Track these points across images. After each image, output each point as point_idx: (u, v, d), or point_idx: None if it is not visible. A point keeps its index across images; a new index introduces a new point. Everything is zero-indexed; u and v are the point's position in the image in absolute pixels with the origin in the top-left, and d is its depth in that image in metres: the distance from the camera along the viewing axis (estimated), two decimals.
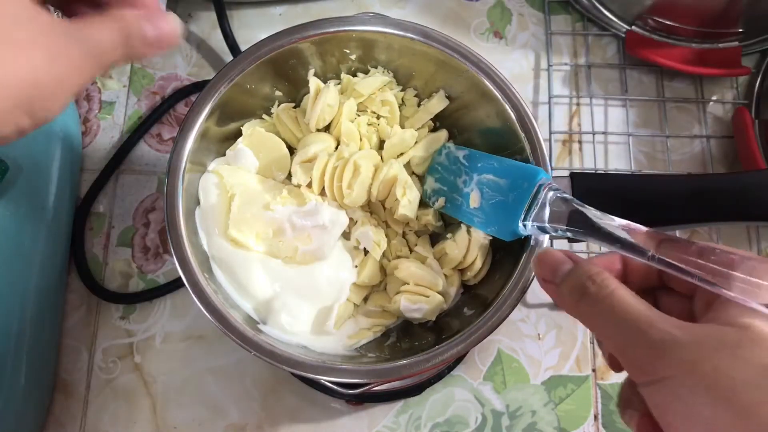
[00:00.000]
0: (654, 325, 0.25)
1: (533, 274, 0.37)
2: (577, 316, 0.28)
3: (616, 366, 0.29)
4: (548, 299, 0.52)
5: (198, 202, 0.41)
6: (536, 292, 0.53)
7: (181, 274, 0.37)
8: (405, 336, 0.42)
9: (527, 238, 0.38)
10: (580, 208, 0.33)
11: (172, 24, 0.30)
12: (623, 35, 0.59)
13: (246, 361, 0.51)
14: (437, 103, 0.45)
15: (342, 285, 0.42)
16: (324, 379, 0.36)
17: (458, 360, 0.51)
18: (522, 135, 0.40)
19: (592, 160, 0.56)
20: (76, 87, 0.29)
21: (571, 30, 0.60)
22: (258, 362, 0.51)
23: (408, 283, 0.42)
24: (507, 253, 0.41)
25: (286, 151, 0.44)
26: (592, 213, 0.32)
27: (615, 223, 0.30)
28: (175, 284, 0.52)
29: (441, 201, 0.42)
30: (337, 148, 0.44)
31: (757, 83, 0.57)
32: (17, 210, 0.47)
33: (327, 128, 0.45)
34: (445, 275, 0.43)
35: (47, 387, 0.49)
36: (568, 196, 0.34)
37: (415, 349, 0.38)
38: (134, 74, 0.58)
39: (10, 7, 0.26)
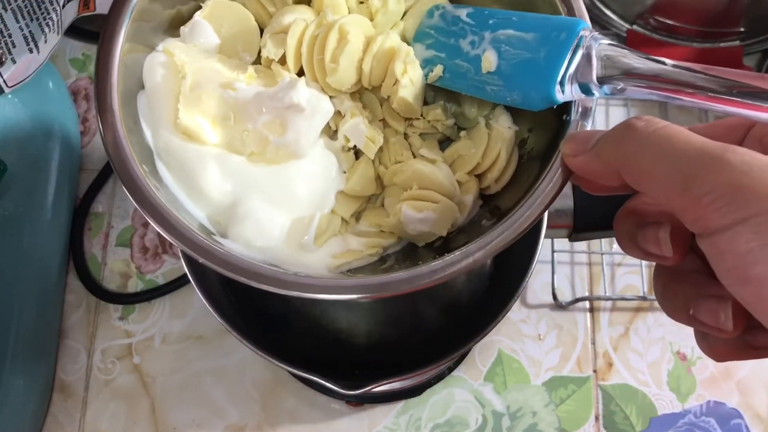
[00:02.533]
0: (731, 149, 0.19)
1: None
2: (617, 162, 0.23)
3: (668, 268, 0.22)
4: (549, 299, 0.52)
5: (143, 88, 0.33)
6: (536, 293, 0.53)
7: (112, 162, 0.30)
8: (406, 259, 0.33)
9: (565, 121, 0.30)
10: (644, 55, 0.26)
11: None
12: (624, 35, 0.58)
13: (246, 362, 0.51)
14: None
15: (326, 191, 0.33)
16: (297, 294, 0.28)
17: (458, 360, 0.51)
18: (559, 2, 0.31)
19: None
20: None
21: None
22: (258, 363, 0.51)
23: (411, 188, 0.33)
24: (533, 158, 0.33)
25: (255, 24, 0.35)
26: (670, 61, 0.25)
27: (688, 64, 0.24)
28: (175, 285, 0.52)
29: (438, 69, 0.33)
30: None
31: None
32: (16, 210, 0.47)
33: (309, 3, 0.36)
34: (459, 182, 0.33)
35: (46, 387, 0.49)
36: (620, 44, 0.27)
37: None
38: None
39: None
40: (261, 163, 0.33)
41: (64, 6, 0.40)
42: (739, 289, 0.19)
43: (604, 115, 0.58)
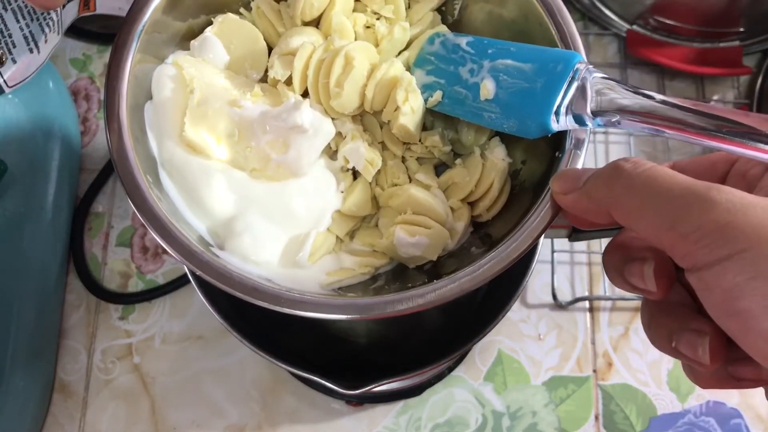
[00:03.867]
0: (716, 188, 0.20)
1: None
2: (606, 202, 0.24)
3: (661, 282, 0.23)
4: (549, 299, 0.52)
5: (151, 99, 0.34)
6: (536, 293, 0.53)
7: (116, 169, 0.30)
8: (396, 280, 0.34)
9: (557, 157, 0.31)
10: (641, 90, 0.26)
11: None
12: (624, 35, 0.58)
13: (246, 362, 0.51)
14: None
15: (322, 210, 0.34)
16: (288, 311, 0.29)
17: (458, 360, 0.51)
18: (549, 22, 0.33)
19: (593, 160, 0.56)
20: None
21: None
22: (258, 363, 0.51)
23: (406, 212, 0.34)
24: (525, 189, 0.34)
25: (264, 44, 0.36)
26: (659, 96, 0.26)
27: (679, 100, 0.24)
28: (175, 284, 0.52)
29: (437, 95, 0.34)
30: None
31: (758, 83, 0.57)
32: (16, 210, 0.47)
33: (317, 25, 0.37)
34: (452, 208, 0.35)
35: (46, 387, 0.49)
36: (615, 78, 0.28)
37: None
38: None
39: None
40: (262, 179, 0.34)
41: (64, 6, 0.40)
42: (727, 322, 0.20)
43: None
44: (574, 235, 0.40)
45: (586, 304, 0.52)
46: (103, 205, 0.54)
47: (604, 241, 0.54)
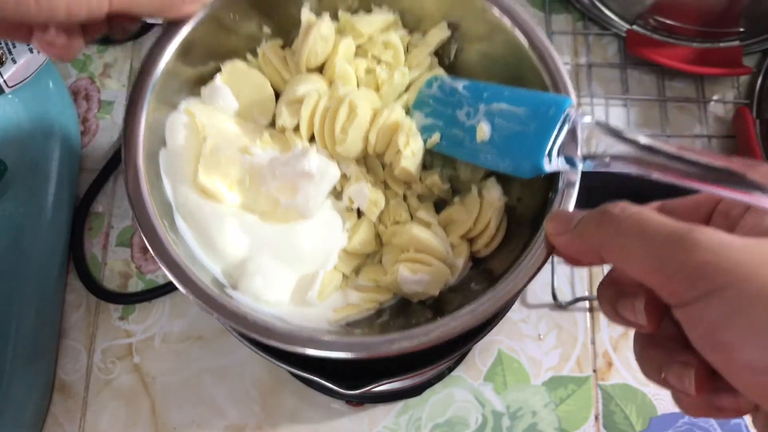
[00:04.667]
0: (697, 229, 0.21)
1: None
2: (598, 244, 0.25)
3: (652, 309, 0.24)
4: (549, 299, 0.52)
5: (164, 145, 0.36)
6: (536, 293, 0.53)
7: (134, 215, 0.32)
8: (400, 314, 0.36)
9: (550, 197, 0.33)
10: (627, 134, 0.28)
11: None
12: (624, 34, 0.58)
13: (246, 362, 0.51)
14: (437, 33, 0.38)
15: (329, 250, 0.36)
16: (300, 350, 0.30)
17: (458, 360, 0.51)
18: (540, 66, 0.34)
19: None
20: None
21: (571, 29, 0.60)
22: (258, 363, 0.51)
23: (408, 251, 0.36)
24: (521, 224, 0.36)
25: (271, 91, 0.38)
26: (640, 137, 0.27)
27: (666, 146, 0.26)
28: (175, 284, 0.52)
29: (436, 137, 0.36)
30: None
31: (758, 83, 0.57)
32: (16, 210, 0.47)
33: (320, 70, 0.38)
34: (452, 245, 0.37)
35: (46, 387, 0.49)
36: (606, 122, 0.30)
37: (410, 327, 0.32)
38: (133, 74, 0.58)
39: None
40: (272, 221, 0.35)
41: None
42: (710, 354, 0.21)
43: (604, 115, 0.58)
44: None
45: (586, 304, 0.52)
46: (103, 205, 0.54)
47: None
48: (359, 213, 0.37)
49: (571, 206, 0.31)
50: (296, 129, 0.36)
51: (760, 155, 0.52)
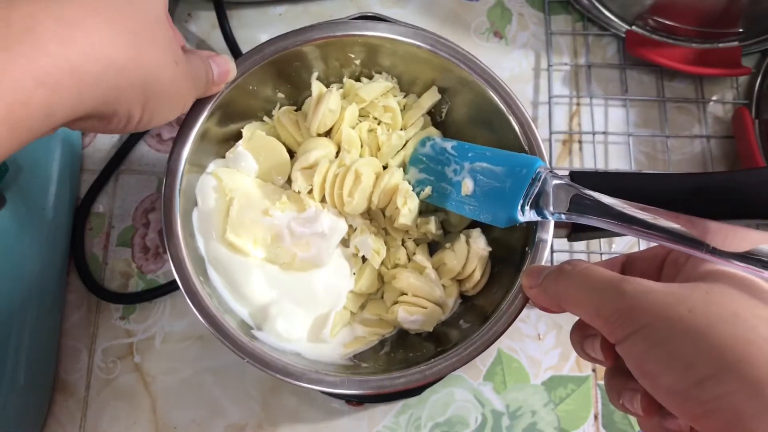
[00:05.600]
0: (626, 280, 0.27)
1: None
2: (556, 295, 0.31)
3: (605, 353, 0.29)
4: None
5: (195, 203, 0.41)
6: None
7: (176, 277, 0.37)
8: (400, 346, 0.42)
9: (527, 252, 0.38)
10: (585, 191, 0.33)
11: (229, 64, 0.37)
12: (623, 35, 0.59)
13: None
14: (429, 97, 0.44)
15: (339, 292, 0.42)
16: (318, 389, 0.36)
17: None
18: (520, 135, 0.40)
19: (592, 160, 0.56)
20: (181, 106, 0.33)
21: (571, 30, 0.60)
22: None
23: (406, 294, 0.41)
24: (506, 265, 0.41)
25: (287, 156, 0.44)
26: (598, 195, 0.33)
27: (620, 203, 0.31)
28: (175, 284, 0.52)
29: (427, 190, 0.42)
30: (337, 154, 0.43)
31: (758, 83, 0.57)
32: (17, 210, 0.47)
33: (328, 133, 0.44)
34: (444, 285, 0.43)
35: (47, 387, 0.49)
36: (569, 181, 0.35)
37: (410, 360, 0.38)
38: None
39: (154, 10, 0.30)
40: (290, 271, 0.42)
41: None
42: (642, 381, 0.25)
43: (604, 115, 0.58)
44: (574, 235, 0.40)
45: None
46: (104, 205, 0.54)
47: (604, 241, 0.54)
48: (363, 258, 0.43)
49: (543, 261, 0.37)
50: (310, 192, 0.42)
51: (759, 155, 0.52)
